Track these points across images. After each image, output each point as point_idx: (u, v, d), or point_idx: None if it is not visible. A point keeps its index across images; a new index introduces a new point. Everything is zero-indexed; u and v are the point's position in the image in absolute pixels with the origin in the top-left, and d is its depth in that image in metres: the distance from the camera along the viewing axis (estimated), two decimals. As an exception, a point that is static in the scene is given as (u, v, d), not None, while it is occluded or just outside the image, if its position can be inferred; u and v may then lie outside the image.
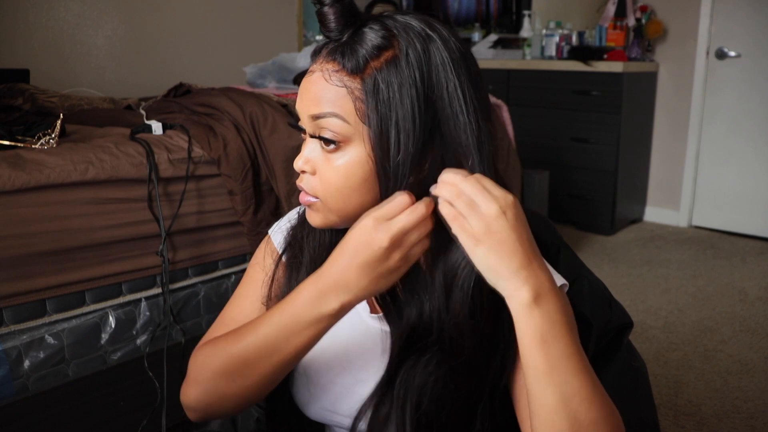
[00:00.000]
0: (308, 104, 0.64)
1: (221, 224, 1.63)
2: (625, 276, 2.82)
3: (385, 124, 0.61)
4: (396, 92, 0.61)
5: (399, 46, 0.62)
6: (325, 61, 0.64)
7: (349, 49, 0.62)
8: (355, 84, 0.62)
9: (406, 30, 0.62)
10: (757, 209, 3.33)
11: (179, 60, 3.25)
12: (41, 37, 2.76)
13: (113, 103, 2.15)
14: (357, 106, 0.62)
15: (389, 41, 0.62)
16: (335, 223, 0.67)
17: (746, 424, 1.72)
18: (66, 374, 1.38)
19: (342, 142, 0.63)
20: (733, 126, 3.36)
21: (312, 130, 0.65)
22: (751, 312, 2.44)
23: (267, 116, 1.68)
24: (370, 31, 0.62)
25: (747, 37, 3.25)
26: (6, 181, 1.25)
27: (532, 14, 3.97)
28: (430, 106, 0.62)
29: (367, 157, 0.63)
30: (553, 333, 0.57)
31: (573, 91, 3.40)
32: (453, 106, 0.62)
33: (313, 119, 0.64)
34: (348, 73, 0.62)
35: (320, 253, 0.75)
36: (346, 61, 0.62)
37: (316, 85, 0.64)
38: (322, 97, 0.63)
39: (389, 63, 0.61)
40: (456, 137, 0.63)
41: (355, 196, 0.64)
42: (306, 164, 0.66)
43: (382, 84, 0.61)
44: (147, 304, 1.50)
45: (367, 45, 0.61)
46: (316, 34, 4.38)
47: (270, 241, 0.80)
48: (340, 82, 0.62)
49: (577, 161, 3.45)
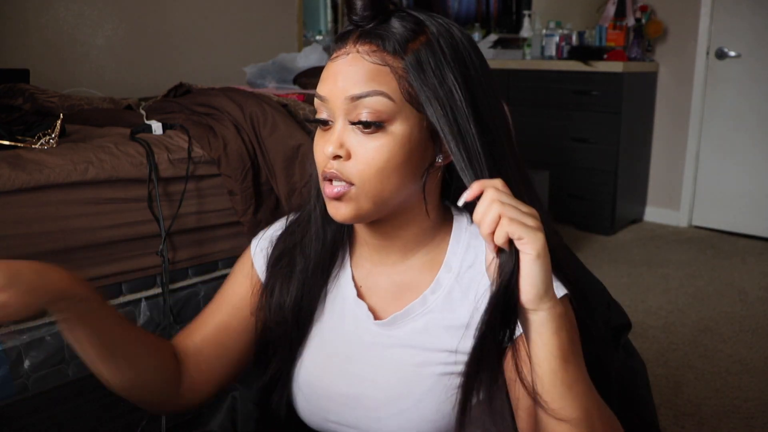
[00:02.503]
0: (345, 85, 0.63)
1: (221, 224, 1.63)
2: (625, 276, 2.82)
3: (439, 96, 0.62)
4: (438, 69, 0.62)
5: (430, 31, 0.64)
6: (360, 44, 0.64)
7: (385, 32, 0.63)
8: (397, 63, 0.63)
9: (431, 19, 0.65)
10: (757, 209, 3.32)
11: (179, 60, 3.25)
12: (41, 37, 2.76)
13: (113, 103, 2.15)
14: (401, 84, 0.62)
15: (421, 27, 0.64)
16: (367, 212, 0.66)
17: (746, 424, 1.72)
18: (66, 374, 1.38)
19: (385, 122, 0.62)
20: (733, 126, 3.36)
21: (347, 112, 0.63)
22: (751, 312, 2.44)
23: (267, 116, 1.68)
24: (400, 19, 0.64)
25: (747, 37, 3.25)
26: (6, 181, 1.25)
27: (532, 14, 3.97)
28: (467, 81, 0.63)
29: (408, 136, 0.63)
30: (574, 349, 0.57)
31: (573, 91, 3.40)
32: (482, 85, 0.65)
33: (352, 100, 0.63)
34: (389, 53, 0.63)
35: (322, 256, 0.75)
36: (386, 42, 0.63)
37: (353, 65, 0.63)
38: (363, 75, 0.62)
39: (425, 45, 0.63)
40: (487, 115, 0.64)
41: (394, 178, 0.64)
42: (340, 148, 0.64)
43: (424, 62, 0.62)
44: (147, 304, 1.50)
45: (402, 29, 0.63)
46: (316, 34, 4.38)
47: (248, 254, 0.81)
48: (382, 60, 0.63)
49: (577, 161, 3.45)
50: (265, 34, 3.68)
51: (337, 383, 0.73)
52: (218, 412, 0.83)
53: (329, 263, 0.76)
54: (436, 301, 0.71)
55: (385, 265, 0.74)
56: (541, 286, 0.54)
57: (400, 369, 0.70)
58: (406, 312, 0.71)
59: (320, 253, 0.75)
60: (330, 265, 0.76)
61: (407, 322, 0.71)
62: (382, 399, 0.70)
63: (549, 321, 0.55)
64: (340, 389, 0.73)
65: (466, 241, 0.73)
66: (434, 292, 0.71)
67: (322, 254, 0.75)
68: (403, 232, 0.71)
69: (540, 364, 0.56)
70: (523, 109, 3.52)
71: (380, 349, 0.72)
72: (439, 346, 0.69)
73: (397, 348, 0.71)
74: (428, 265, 0.73)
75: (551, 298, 0.55)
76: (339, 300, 0.76)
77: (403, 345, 0.71)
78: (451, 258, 0.72)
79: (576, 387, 0.56)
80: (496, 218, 0.53)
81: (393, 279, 0.74)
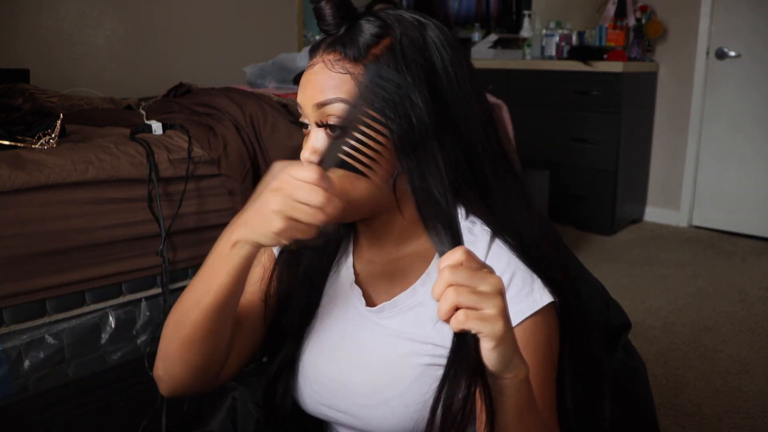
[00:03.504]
0: (312, 93, 0.66)
1: (221, 224, 1.62)
2: (625, 276, 2.82)
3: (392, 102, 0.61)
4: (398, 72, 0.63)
5: (395, 34, 0.65)
6: (326, 53, 0.66)
7: (348, 39, 0.65)
8: (357, 70, 0.65)
9: (399, 20, 0.66)
10: (757, 209, 3.32)
11: (179, 60, 3.25)
12: (41, 37, 2.76)
13: (113, 103, 2.15)
14: None
15: (386, 30, 0.65)
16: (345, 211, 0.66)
17: (746, 424, 1.72)
18: (66, 374, 1.38)
19: None
20: (733, 126, 3.36)
21: (317, 119, 0.67)
22: (751, 312, 2.44)
23: (267, 116, 1.68)
24: (367, 23, 0.65)
25: (747, 37, 3.25)
26: (6, 181, 1.25)
27: (532, 14, 3.97)
28: (432, 85, 0.64)
29: None
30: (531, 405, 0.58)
31: (573, 91, 3.40)
32: (455, 87, 0.66)
33: (318, 107, 0.66)
34: (350, 60, 0.65)
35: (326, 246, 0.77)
36: (347, 50, 0.65)
37: (319, 75, 0.66)
38: (327, 84, 0.65)
39: (388, 48, 0.64)
40: (462, 113, 0.66)
41: (362, 180, 0.65)
42: (313, 154, 0.67)
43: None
44: (147, 304, 1.50)
45: (366, 34, 0.65)
46: (316, 34, 4.38)
47: None
48: (343, 69, 0.65)
49: (577, 161, 3.45)
50: (265, 34, 3.68)
51: (328, 367, 0.75)
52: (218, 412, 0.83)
53: (332, 253, 0.79)
54: (425, 294, 0.72)
55: (381, 254, 0.77)
56: (500, 366, 0.53)
57: (386, 358, 0.72)
58: (395, 302, 0.73)
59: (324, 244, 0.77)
60: (333, 254, 0.79)
61: (396, 313, 0.73)
62: (368, 387, 0.71)
63: (511, 387, 0.55)
64: (331, 374, 0.74)
65: None
66: (424, 284, 0.73)
67: (326, 245, 0.78)
68: (389, 228, 0.74)
69: (499, 416, 0.57)
70: (523, 109, 3.52)
71: (370, 335, 0.73)
72: (426, 339, 0.70)
73: (386, 337, 0.72)
74: (421, 257, 0.74)
75: (515, 367, 0.55)
76: (338, 286, 0.79)
77: (391, 335, 0.72)
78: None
79: None
80: (451, 308, 0.51)
81: (388, 268, 0.76)
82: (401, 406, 0.69)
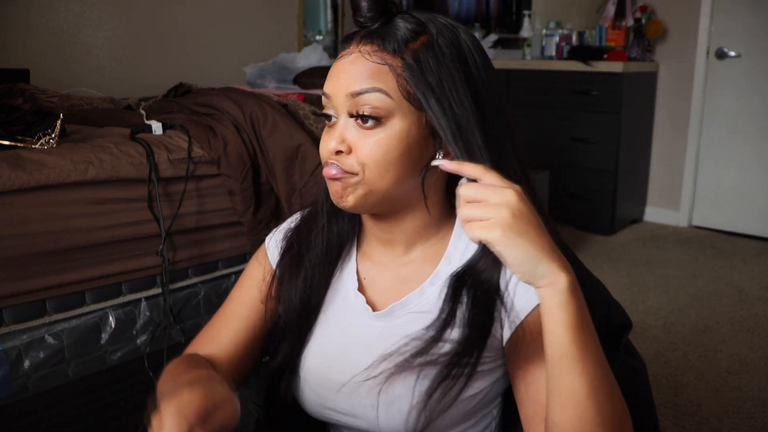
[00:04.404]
0: (347, 82, 0.66)
1: (221, 224, 1.63)
2: (625, 276, 2.82)
3: (435, 95, 0.65)
4: (437, 68, 0.65)
5: (431, 32, 0.67)
6: (362, 44, 0.67)
7: (386, 33, 0.66)
8: (396, 62, 0.66)
9: (433, 20, 0.68)
10: (757, 209, 3.32)
11: (179, 60, 3.25)
12: (41, 37, 2.76)
13: (113, 103, 2.15)
14: (399, 83, 0.65)
15: (422, 27, 0.67)
16: (365, 201, 0.69)
17: (746, 424, 1.72)
18: (66, 374, 1.38)
19: (383, 118, 0.65)
20: (733, 126, 3.36)
21: (349, 109, 0.67)
22: (751, 312, 2.44)
23: (267, 116, 1.68)
24: (402, 20, 0.67)
25: (747, 37, 3.25)
26: (6, 181, 1.25)
27: (532, 14, 3.97)
28: (469, 83, 0.66)
29: (406, 132, 0.66)
30: (585, 321, 0.58)
31: (573, 91, 3.40)
32: (486, 85, 0.68)
33: (352, 96, 0.66)
34: (389, 52, 0.66)
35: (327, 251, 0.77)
36: (386, 42, 0.66)
37: (355, 64, 0.67)
38: (363, 74, 0.66)
39: (425, 45, 0.66)
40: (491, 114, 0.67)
41: (393, 170, 0.67)
42: (341, 144, 0.67)
43: (423, 61, 0.65)
44: (147, 304, 1.50)
45: (404, 30, 0.66)
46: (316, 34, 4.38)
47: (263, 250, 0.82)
48: (381, 59, 0.66)
49: (577, 161, 3.45)
50: (265, 34, 3.68)
51: (333, 372, 0.75)
52: (218, 411, 0.83)
53: (335, 258, 0.79)
54: (434, 293, 0.72)
55: (389, 258, 0.77)
56: (523, 268, 0.55)
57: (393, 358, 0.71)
58: (404, 302, 0.73)
59: (325, 249, 0.77)
60: (336, 259, 0.79)
61: (404, 313, 0.73)
62: (375, 388, 0.71)
63: (551, 296, 0.56)
64: (337, 378, 0.74)
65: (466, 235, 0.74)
66: (433, 283, 0.73)
67: (328, 249, 0.78)
68: (405, 224, 0.74)
69: (547, 336, 0.57)
70: (523, 109, 3.52)
71: (376, 339, 0.73)
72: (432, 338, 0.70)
73: (393, 337, 0.72)
74: (430, 257, 0.75)
75: (546, 274, 0.56)
76: (341, 292, 0.78)
77: (398, 334, 0.72)
78: (452, 251, 0.74)
79: (583, 363, 0.56)
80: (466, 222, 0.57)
81: (395, 272, 0.76)
82: (407, 405, 0.69)
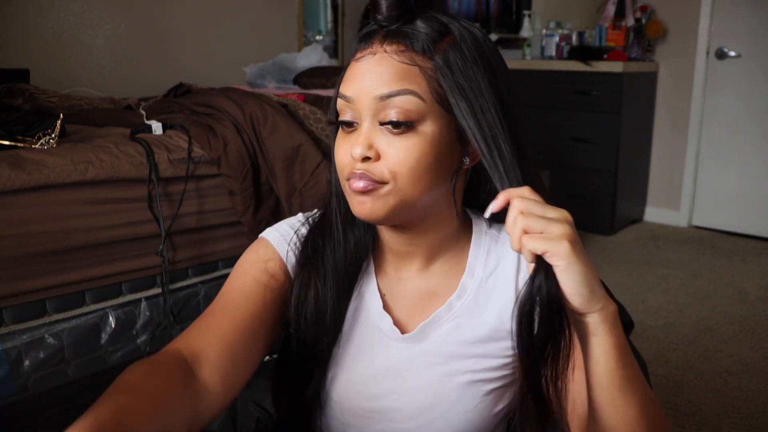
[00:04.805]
0: (374, 85, 0.61)
1: (221, 224, 1.63)
2: (625, 276, 2.82)
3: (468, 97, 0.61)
4: (466, 69, 0.62)
5: (455, 33, 0.64)
6: (387, 44, 0.62)
7: (412, 33, 0.62)
8: (426, 63, 0.62)
9: (454, 21, 0.65)
10: (757, 209, 3.32)
11: (179, 60, 3.25)
12: (41, 37, 2.76)
13: (113, 103, 2.15)
14: (431, 85, 0.61)
15: (446, 28, 0.64)
16: (394, 211, 0.63)
17: (746, 424, 1.72)
18: (66, 374, 1.38)
19: (416, 122, 0.61)
20: (733, 126, 3.36)
21: (376, 113, 0.62)
22: (751, 312, 2.44)
23: (267, 116, 1.68)
24: (425, 20, 0.63)
25: (747, 37, 3.25)
26: (6, 181, 1.25)
27: (532, 14, 3.97)
28: (493, 84, 0.63)
29: (438, 137, 0.62)
30: (627, 344, 0.57)
31: (573, 91, 3.40)
32: (507, 86, 0.65)
33: (381, 99, 0.61)
34: (418, 53, 0.62)
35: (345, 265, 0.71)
36: (414, 42, 0.62)
37: (381, 65, 0.62)
38: (393, 75, 0.61)
39: (452, 45, 0.63)
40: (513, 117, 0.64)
41: (426, 178, 0.62)
42: (369, 150, 0.61)
43: (452, 63, 0.62)
44: (147, 304, 1.50)
45: (429, 29, 0.63)
46: (316, 34, 4.38)
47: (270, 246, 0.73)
48: (411, 60, 0.61)
49: (577, 161, 3.45)
50: (265, 34, 3.68)
51: (360, 399, 0.71)
52: (218, 411, 0.83)
53: (355, 273, 0.73)
54: (461, 307, 0.70)
55: (409, 272, 0.72)
56: (583, 291, 0.53)
57: (426, 380, 0.69)
58: (433, 320, 0.70)
59: (343, 262, 0.71)
60: (355, 273, 0.73)
61: (434, 330, 0.70)
62: (409, 411, 0.69)
63: (603, 321, 0.55)
64: (364, 404, 0.70)
65: (486, 245, 0.72)
66: (460, 297, 0.70)
67: (345, 263, 0.71)
68: (427, 236, 0.70)
69: (597, 364, 0.56)
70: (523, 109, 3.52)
71: (406, 361, 0.70)
72: (467, 353, 0.69)
73: (423, 357, 0.70)
74: (451, 270, 0.72)
75: (600, 299, 0.55)
76: (363, 312, 0.73)
77: (429, 354, 0.70)
78: (474, 262, 0.71)
79: (633, 383, 0.56)
80: (521, 234, 0.54)
81: (417, 286, 0.72)
82: (444, 427, 0.68)
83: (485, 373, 0.68)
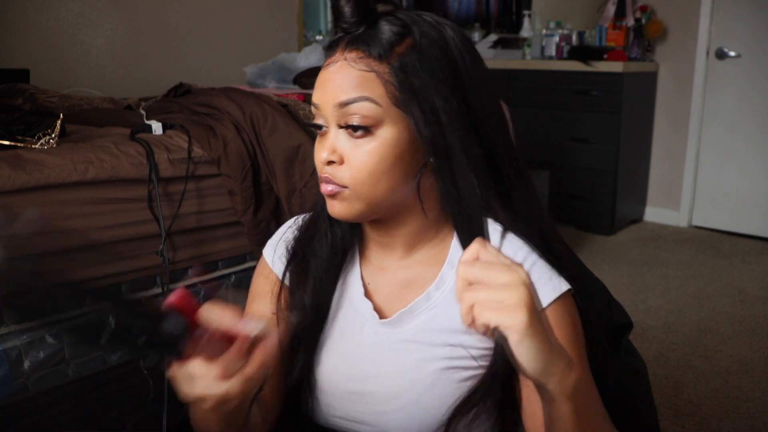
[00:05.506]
0: (334, 92, 0.65)
1: (221, 224, 1.63)
2: (625, 276, 2.82)
3: (423, 100, 0.63)
4: (424, 71, 0.64)
5: (415, 33, 0.65)
6: (347, 51, 0.65)
7: (371, 38, 0.64)
8: (383, 68, 0.64)
9: (417, 20, 0.66)
10: (757, 209, 3.32)
11: (179, 60, 3.25)
12: (41, 37, 2.75)
13: (113, 103, 2.14)
14: (387, 89, 0.64)
15: (407, 29, 0.65)
16: (361, 212, 0.67)
17: (746, 424, 1.72)
18: (66, 374, 1.38)
19: (373, 126, 0.64)
20: (733, 126, 3.36)
21: (338, 119, 0.65)
22: (751, 312, 2.44)
23: (267, 116, 1.68)
24: (386, 23, 0.65)
25: (747, 37, 3.25)
26: (6, 181, 1.25)
27: (532, 14, 3.97)
28: (456, 84, 0.65)
29: (397, 139, 0.65)
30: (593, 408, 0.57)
31: (573, 91, 3.40)
32: (476, 86, 0.66)
33: (340, 107, 0.64)
34: (375, 58, 0.64)
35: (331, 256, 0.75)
36: (371, 48, 0.64)
37: (340, 73, 0.65)
38: (350, 82, 0.64)
39: (411, 48, 0.64)
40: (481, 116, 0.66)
41: (385, 179, 0.65)
42: (333, 154, 0.66)
43: (409, 66, 0.63)
44: (147, 304, 1.50)
45: (388, 33, 0.64)
46: (316, 34, 4.38)
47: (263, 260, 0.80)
48: (368, 67, 0.64)
49: (577, 161, 3.45)
50: (265, 34, 3.68)
51: (342, 381, 0.74)
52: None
53: (340, 262, 0.77)
54: (440, 297, 0.72)
55: (390, 261, 0.75)
56: (536, 366, 0.51)
57: (403, 364, 0.71)
58: (411, 309, 0.72)
59: (330, 253, 0.76)
60: (340, 264, 0.77)
61: (412, 318, 0.72)
62: (386, 394, 0.71)
63: (561, 393, 0.53)
64: (345, 386, 0.73)
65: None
66: (438, 288, 0.72)
67: (333, 253, 0.76)
68: (403, 229, 0.73)
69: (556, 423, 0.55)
70: (523, 109, 3.52)
71: (385, 346, 0.72)
72: (443, 341, 0.70)
73: (401, 344, 0.72)
74: (432, 260, 0.74)
75: (556, 371, 0.52)
76: (347, 299, 0.76)
77: (406, 340, 0.72)
78: (455, 254, 0.73)
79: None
80: (470, 308, 0.50)
81: (398, 275, 0.75)
82: (419, 411, 0.69)
83: (460, 361, 0.69)
